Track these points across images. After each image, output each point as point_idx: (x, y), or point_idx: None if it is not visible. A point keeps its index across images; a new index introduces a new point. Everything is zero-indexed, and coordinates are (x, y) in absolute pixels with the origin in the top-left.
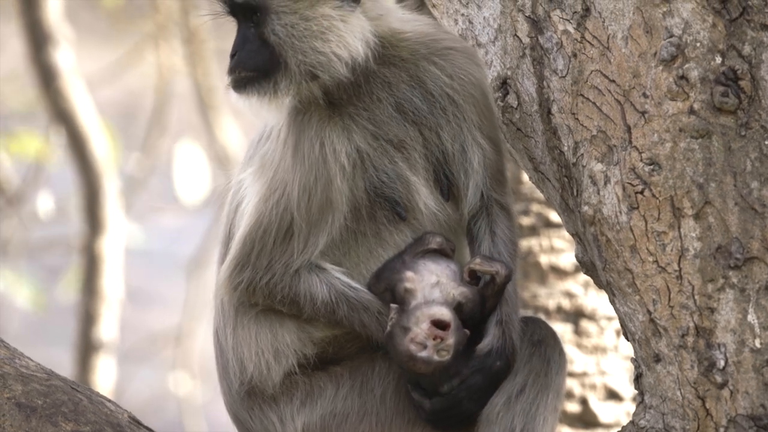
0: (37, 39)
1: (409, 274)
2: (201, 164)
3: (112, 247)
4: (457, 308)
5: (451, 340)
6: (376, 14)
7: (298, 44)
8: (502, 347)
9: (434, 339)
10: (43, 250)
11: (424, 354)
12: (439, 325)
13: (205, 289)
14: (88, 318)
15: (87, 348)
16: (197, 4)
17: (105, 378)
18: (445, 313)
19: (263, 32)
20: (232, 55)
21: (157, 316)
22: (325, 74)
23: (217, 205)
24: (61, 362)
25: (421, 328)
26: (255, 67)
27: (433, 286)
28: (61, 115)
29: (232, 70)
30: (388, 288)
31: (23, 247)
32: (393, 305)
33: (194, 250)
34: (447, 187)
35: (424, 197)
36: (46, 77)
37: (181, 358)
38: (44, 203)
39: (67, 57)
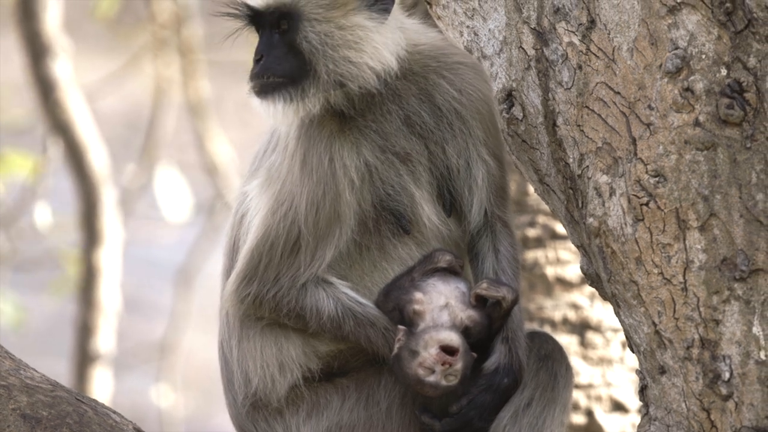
0: (36, 51)
1: (418, 295)
2: (180, 181)
3: (109, 258)
4: (465, 331)
5: (459, 365)
6: (400, 25)
7: (331, 53)
8: (509, 364)
9: (443, 364)
10: (39, 264)
11: (431, 379)
12: (447, 350)
13: (191, 301)
14: (85, 329)
15: (84, 359)
16: (192, 15)
17: (101, 389)
18: (454, 339)
19: (294, 39)
20: (257, 61)
21: (156, 326)
22: (354, 84)
23: (205, 218)
24: (58, 373)
25: (429, 353)
26: (283, 73)
27: (442, 308)
28: (59, 126)
29: (258, 75)
30: (396, 308)
31: (21, 262)
32: (401, 327)
33: (183, 262)
34: (449, 202)
35: (428, 211)
36: (45, 89)
37: (166, 370)
38: (41, 216)
39: (66, 68)
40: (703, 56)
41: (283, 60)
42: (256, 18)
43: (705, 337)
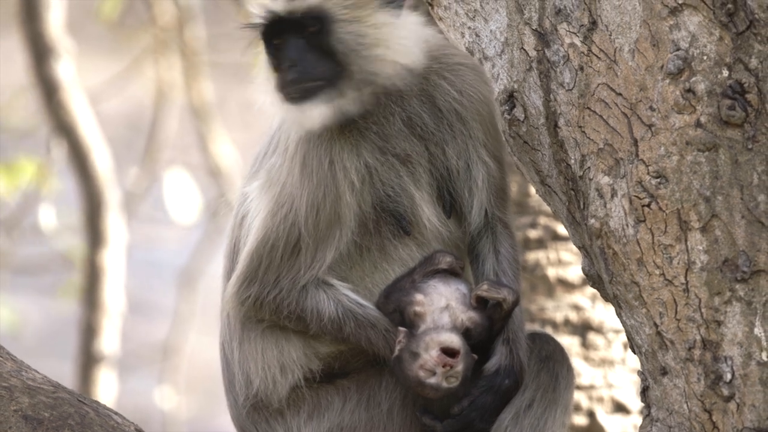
0: (39, 52)
1: (418, 297)
2: (190, 183)
3: (113, 259)
4: (465, 333)
5: (460, 367)
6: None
7: (365, 52)
8: (509, 366)
9: (444, 366)
10: (43, 266)
11: (432, 381)
12: (448, 352)
13: (194, 302)
14: (89, 331)
15: (88, 361)
16: (194, 16)
17: (106, 391)
18: (455, 341)
19: (326, 41)
20: (290, 67)
21: (159, 328)
22: (386, 81)
23: (208, 220)
24: (62, 375)
25: (430, 355)
26: (321, 76)
27: (443, 310)
28: (62, 128)
29: (296, 81)
30: (397, 309)
31: (24, 264)
32: (401, 328)
33: (186, 264)
34: (449, 203)
35: (428, 212)
36: (48, 90)
37: (169, 372)
38: (46, 218)
39: (69, 70)
40: (705, 57)
41: (317, 63)
42: (277, 24)
43: (706, 338)
